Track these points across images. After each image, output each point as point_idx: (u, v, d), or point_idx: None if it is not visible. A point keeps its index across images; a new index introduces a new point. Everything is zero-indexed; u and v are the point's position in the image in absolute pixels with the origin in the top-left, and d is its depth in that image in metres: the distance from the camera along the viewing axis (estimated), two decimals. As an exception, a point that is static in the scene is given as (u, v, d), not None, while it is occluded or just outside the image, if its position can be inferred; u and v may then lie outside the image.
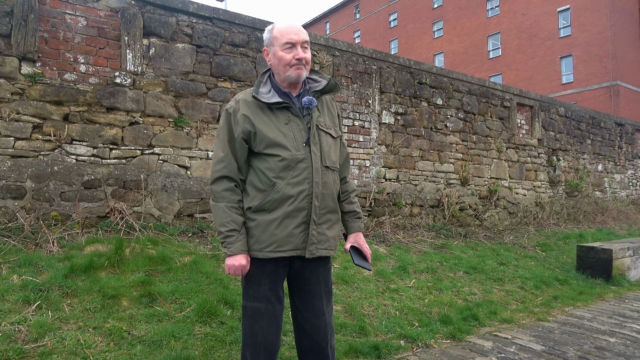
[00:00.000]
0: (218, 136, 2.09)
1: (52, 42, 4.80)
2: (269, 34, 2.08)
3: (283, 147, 1.99)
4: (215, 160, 2.05)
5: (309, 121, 2.08)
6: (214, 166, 2.05)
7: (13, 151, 4.55)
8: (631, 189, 13.49)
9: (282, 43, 2.01)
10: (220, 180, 2.02)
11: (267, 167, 2.01)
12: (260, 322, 2.03)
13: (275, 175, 1.99)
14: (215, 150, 2.08)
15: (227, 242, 1.97)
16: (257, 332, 2.03)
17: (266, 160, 2.01)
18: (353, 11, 46.15)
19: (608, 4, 26.21)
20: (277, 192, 1.98)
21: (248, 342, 2.06)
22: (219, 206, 2.00)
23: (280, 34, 2.02)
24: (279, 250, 2.00)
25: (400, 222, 7.27)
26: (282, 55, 2.01)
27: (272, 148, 1.99)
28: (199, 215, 5.44)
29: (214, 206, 2.03)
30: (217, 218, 2.00)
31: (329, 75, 6.80)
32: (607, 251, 6.00)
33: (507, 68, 31.41)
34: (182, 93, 5.52)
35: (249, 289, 2.05)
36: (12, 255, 3.71)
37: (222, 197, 2.01)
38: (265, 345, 2.04)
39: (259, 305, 2.03)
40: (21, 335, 2.73)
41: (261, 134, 2.00)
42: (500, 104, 9.49)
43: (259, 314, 2.03)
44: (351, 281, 4.47)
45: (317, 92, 2.12)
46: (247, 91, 2.12)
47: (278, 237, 1.99)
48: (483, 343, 3.57)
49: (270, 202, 1.99)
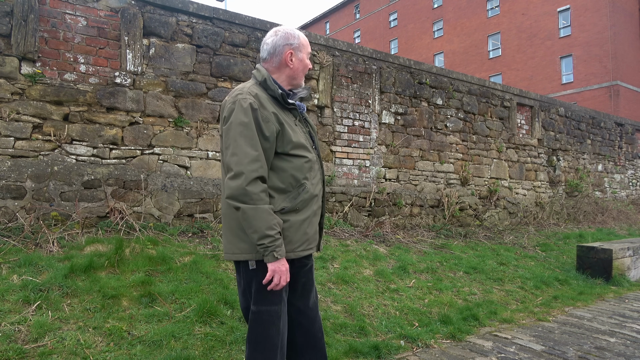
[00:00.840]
0: (244, 133, 1.91)
1: (52, 42, 4.80)
2: (296, 40, 2.14)
3: (306, 148, 2.09)
4: (248, 159, 1.89)
5: (307, 125, 2.22)
6: (247, 165, 1.88)
7: (13, 151, 4.55)
8: (631, 189, 13.49)
9: (308, 52, 2.18)
10: (256, 182, 1.89)
11: (294, 168, 2.03)
12: (277, 324, 2.02)
13: (304, 176, 2.06)
14: (243, 147, 1.90)
15: (275, 245, 1.88)
16: (273, 335, 2.01)
17: (290, 161, 2.03)
18: (353, 11, 46.15)
19: (608, 4, 26.20)
20: (307, 192, 2.05)
21: (262, 346, 2.01)
22: (262, 208, 1.87)
23: (306, 43, 2.18)
24: (309, 248, 2.11)
25: (400, 222, 7.27)
26: (308, 63, 2.18)
27: (298, 149, 2.05)
28: (199, 215, 5.44)
29: (252, 209, 1.87)
30: (260, 221, 1.86)
31: (329, 75, 6.81)
32: (607, 251, 6.00)
33: (507, 68, 31.41)
34: (182, 93, 5.52)
35: (266, 293, 1.99)
36: (12, 255, 3.71)
37: (261, 199, 1.88)
38: (282, 347, 2.05)
39: (276, 308, 2.02)
40: (21, 335, 2.73)
41: (288, 134, 2.02)
42: (500, 104, 9.49)
43: (277, 316, 2.02)
44: (351, 281, 4.47)
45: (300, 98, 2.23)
46: (253, 87, 2.06)
47: (309, 236, 2.10)
48: (483, 343, 3.57)
49: (302, 202, 2.04)
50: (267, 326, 2.01)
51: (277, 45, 2.11)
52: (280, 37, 2.12)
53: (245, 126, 1.92)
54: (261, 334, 2.01)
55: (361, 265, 5.03)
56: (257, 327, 2.02)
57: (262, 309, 2.01)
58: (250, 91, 2.01)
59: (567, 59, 28.43)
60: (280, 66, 2.13)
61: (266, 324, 2.01)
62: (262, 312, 2.01)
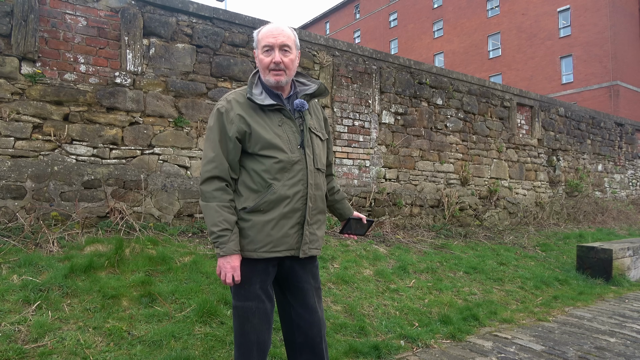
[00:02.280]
0: (208, 136, 2.05)
1: (52, 42, 4.80)
2: (255, 37, 2.11)
3: (279, 149, 2.02)
4: (205, 160, 2.02)
5: (301, 124, 2.12)
6: (204, 166, 2.01)
7: (13, 151, 4.55)
8: (631, 189, 13.49)
9: (262, 46, 2.05)
10: (210, 181, 1.99)
11: (262, 169, 2.01)
12: (252, 320, 2.04)
13: (272, 176, 2.01)
14: (205, 150, 2.04)
15: (219, 242, 1.94)
16: (248, 331, 2.04)
17: (261, 162, 2.02)
18: (353, 11, 46.15)
19: (608, 4, 26.20)
20: (274, 193, 2.01)
21: (239, 342, 2.07)
22: (210, 206, 1.97)
23: (261, 36, 2.06)
24: (274, 250, 2.03)
25: (400, 222, 7.27)
26: (262, 58, 2.05)
27: (268, 150, 2.01)
28: (199, 215, 5.44)
29: (204, 206, 2.00)
30: (209, 218, 1.97)
31: (329, 75, 6.81)
32: (607, 251, 6.00)
33: (507, 68, 31.41)
34: (182, 93, 5.52)
35: (240, 289, 2.04)
36: (12, 255, 3.71)
37: (213, 196, 1.97)
38: (258, 344, 2.06)
39: (250, 304, 2.04)
40: (21, 335, 2.73)
41: (257, 135, 2.00)
42: (500, 104, 9.49)
43: (250, 312, 2.04)
44: (351, 281, 4.47)
45: (307, 95, 2.16)
46: (238, 92, 2.10)
47: (274, 238, 2.02)
48: (483, 343, 3.57)
49: (266, 203, 2.00)
50: (242, 322, 2.05)
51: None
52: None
53: (210, 130, 2.05)
54: (237, 329, 2.07)
55: (361, 265, 5.03)
56: (235, 322, 2.09)
57: (238, 305, 2.05)
58: (227, 96, 2.07)
59: (567, 59, 28.43)
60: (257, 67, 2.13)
61: (241, 319, 2.05)
62: (238, 308, 2.06)
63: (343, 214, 2.44)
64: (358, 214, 2.41)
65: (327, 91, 2.22)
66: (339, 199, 2.43)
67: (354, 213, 2.41)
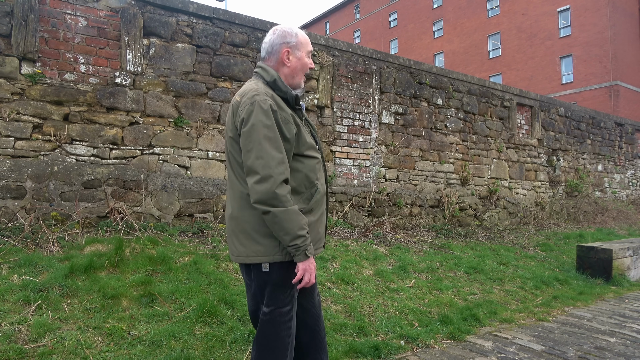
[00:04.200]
0: (268, 135, 1.88)
1: (52, 42, 4.80)
2: (294, 38, 2.10)
3: (315, 149, 2.11)
4: (275, 162, 1.87)
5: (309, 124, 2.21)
6: (275, 168, 1.86)
7: (13, 151, 4.55)
8: (631, 189, 13.49)
9: (307, 50, 2.14)
10: (284, 184, 1.88)
11: (307, 169, 2.05)
12: (288, 324, 2.03)
13: (316, 177, 2.08)
14: (269, 150, 1.87)
15: (306, 244, 1.91)
16: (284, 336, 2.01)
17: (304, 163, 2.04)
18: (353, 11, 46.15)
19: (608, 4, 26.20)
20: (319, 192, 2.08)
21: (272, 346, 2.01)
22: (292, 210, 1.88)
23: (306, 41, 2.14)
24: (320, 246, 2.15)
25: (400, 222, 7.27)
26: (307, 61, 2.14)
27: (310, 150, 2.07)
28: (199, 215, 5.44)
29: (283, 212, 1.86)
30: (291, 223, 1.87)
31: (329, 75, 6.81)
32: (607, 251, 6.00)
33: (507, 68, 31.41)
34: (182, 93, 5.52)
35: (279, 294, 2.00)
36: (12, 255, 3.71)
37: (289, 200, 1.88)
38: (291, 347, 2.06)
39: (289, 308, 2.03)
40: (21, 335, 2.73)
41: (303, 135, 2.03)
42: (500, 104, 9.49)
43: (289, 317, 2.02)
44: (351, 281, 4.47)
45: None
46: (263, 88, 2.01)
47: (321, 234, 2.14)
48: (483, 343, 3.57)
49: (316, 203, 2.07)
50: (279, 326, 2.01)
51: (274, 44, 2.09)
52: (278, 36, 2.09)
53: (269, 128, 1.89)
54: (272, 335, 2.01)
55: (361, 265, 5.03)
56: (269, 328, 2.02)
57: (275, 310, 2.01)
58: (266, 92, 1.97)
59: (567, 59, 28.43)
60: (278, 65, 2.10)
61: (278, 324, 2.01)
62: (274, 313, 2.01)
63: None
64: None
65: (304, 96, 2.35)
66: None
67: None
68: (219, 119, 5.81)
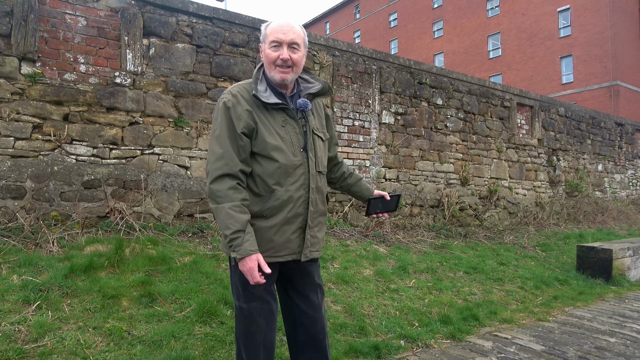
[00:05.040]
0: (214, 132, 1.94)
1: (52, 42, 4.80)
2: (263, 31, 2.04)
3: (281, 151, 1.95)
4: (213, 157, 1.91)
5: (304, 124, 2.06)
6: (212, 164, 1.90)
7: (13, 151, 4.55)
8: (631, 189, 13.49)
9: (270, 41, 1.98)
10: (221, 179, 1.88)
11: (265, 173, 1.95)
12: (257, 321, 2.02)
13: (275, 181, 1.96)
14: (212, 146, 1.93)
15: (233, 245, 1.85)
16: (254, 332, 2.02)
17: (262, 165, 1.95)
18: (353, 11, 46.15)
19: (608, 4, 26.20)
20: (277, 199, 1.95)
21: (243, 343, 2.04)
22: (221, 208, 1.86)
23: (270, 31, 2.00)
24: (276, 255, 2.01)
25: (400, 222, 7.27)
26: (269, 52, 1.98)
27: (271, 151, 1.94)
28: (199, 215, 5.44)
29: (215, 209, 1.88)
30: (220, 221, 1.86)
31: (329, 75, 6.80)
32: (607, 251, 6.00)
33: (507, 68, 31.41)
34: (182, 93, 5.52)
35: (245, 290, 2.01)
36: (12, 255, 3.71)
37: (225, 196, 1.86)
38: (265, 345, 2.04)
39: (254, 305, 2.01)
40: (21, 335, 2.73)
41: (261, 134, 1.94)
42: (500, 104, 9.49)
43: (256, 313, 2.01)
44: (351, 281, 4.47)
45: (310, 94, 2.10)
46: (242, 85, 2.02)
47: (276, 244, 1.99)
48: (483, 343, 3.57)
49: (269, 209, 1.95)
50: (248, 323, 2.02)
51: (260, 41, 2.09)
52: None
53: (217, 125, 1.95)
54: (242, 330, 2.04)
55: (361, 265, 5.03)
56: (239, 324, 2.05)
57: (243, 306, 2.02)
58: (232, 90, 1.99)
59: (567, 59, 28.43)
60: (263, 62, 2.06)
61: (246, 320, 2.02)
62: (243, 309, 2.02)
63: (362, 195, 2.40)
64: (379, 192, 2.38)
65: (330, 91, 2.16)
66: (352, 182, 2.39)
67: (375, 192, 2.38)
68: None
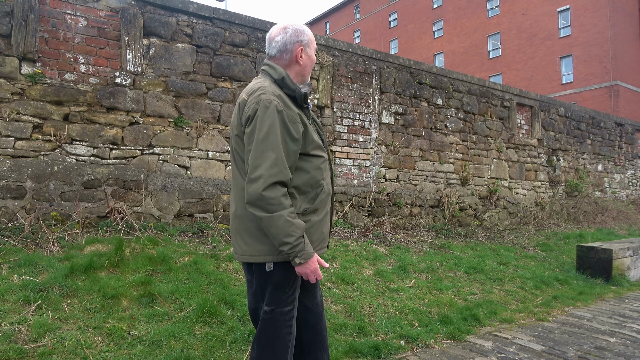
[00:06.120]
0: (268, 135, 1.85)
1: (52, 42, 4.80)
2: (306, 37, 2.12)
3: (322, 148, 2.11)
4: (267, 163, 1.83)
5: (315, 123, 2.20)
6: (266, 170, 1.82)
7: (13, 151, 4.55)
8: (631, 189, 13.49)
9: (314, 48, 2.17)
10: (274, 187, 1.83)
11: (314, 168, 2.04)
12: (289, 324, 2.03)
13: (322, 176, 2.08)
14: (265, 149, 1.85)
15: (296, 251, 1.85)
16: (285, 335, 2.02)
17: (311, 162, 2.03)
18: (353, 11, 46.14)
19: (608, 4, 26.20)
20: (324, 192, 2.07)
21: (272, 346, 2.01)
22: (278, 216, 1.82)
23: (313, 38, 2.18)
24: (324, 246, 2.14)
25: (400, 222, 7.27)
26: (315, 58, 2.18)
27: (317, 149, 2.06)
28: (199, 215, 5.44)
29: (269, 217, 1.82)
30: (277, 229, 1.83)
31: (329, 75, 6.81)
32: (607, 251, 6.00)
33: (507, 68, 31.41)
34: (182, 93, 5.52)
35: (280, 294, 2.00)
36: (12, 255, 3.71)
37: (280, 203, 1.82)
38: (292, 346, 2.07)
39: (290, 308, 2.03)
40: (21, 335, 2.73)
41: (310, 134, 2.02)
42: (500, 104, 9.49)
43: (290, 317, 2.03)
44: (351, 281, 4.47)
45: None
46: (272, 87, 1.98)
47: (325, 234, 2.12)
48: (483, 343, 3.57)
49: (320, 202, 2.06)
50: (280, 326, 2.01)
51: (287, 43, 2.07)
52: (291, 35, 2.08)
53: (270, 128, 1.86)
54: (273, 334, 2.01)
55: (361, 265, 5.03)
56: (270, 327, 2.01)
57: (276, 310, 2.01)
58: (273, 91, 1.94)
59: (567, 59, 28.43)
60: (290, 63, 2.10)
61: (279, 323, 2.01)
62: (276, 313, 2.01)
63: None
64: None
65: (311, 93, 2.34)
66: None
67: None
68: (219, 119, 5.81)
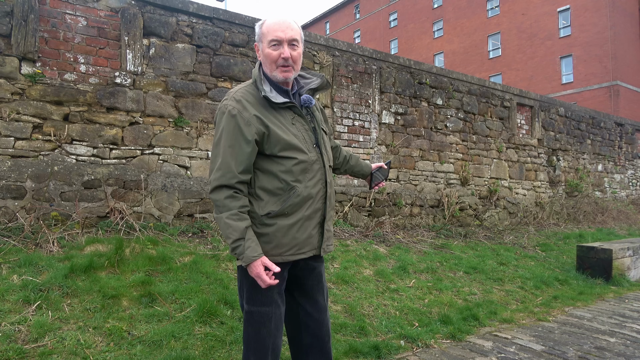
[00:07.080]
0: (218, 140, 1.92)
1: (52, 42, 4.80)
2: (259, 29, 2.01)
3: (298, 149, 1.96)
4: (213, 166, 1.91)
5: (311, 120, 2.08)
6: (212, 174, 1.90)
7: (13, 151, 4.55)
8: (631, 189, 13.49)
9: (268, 40, 1.95)
10: (219, 190, 1.89)
11: (283, 171, 1.94)
12: (268, 326, 2.01)
13: (294, 178, 1.95)
14: (212, 155, 1.94)
15: (236, 253, 1.87)
16: (264, 337, 2.01)
17: (280, 164, 1.94)
18: (353, 11, 46.14)
19: (608, 4, 26.20)
20: (297, 195, 1.96)
21: (253, 347, 2.02)
22: (220, 218, 1.89)
23: (267, 30, 1.96)
24: (300, 252, 2.02)
25: (400, 222, 7.27)
26: (269, 52, 1.95)
27: (288, 150, 1.94)
28: (199, 215, 5.44)
29: (217, 218, 1.91)
30: (222, 231, 1.91)
31: (329, 75, 6.80)
32: (607, 251, 6.00)
33: (507, 68, 31.40)
34: (182, 93, 5.52)
35: (256, 294, 1.99)
36: (12, 255, 3.71)
37: (223, 205, 1.87)
38: (273, 349, 2.05)
39: (267, 309, 2.00)
40: (21, 335, 2.73)
41: (276, 135, 1.92)
42: (500, 104, 9.49)
43: (267, 318, 2.00)
44: (351, 281, 4.47)
45: (312, 90, 2.11)
46: (243, 89, 1.98)
47: (299, 240, 2.00)
48: (483, 343, 3.57)
49: (290, 206, 1.95)
50: (258, 327, 2.00)
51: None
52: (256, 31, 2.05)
53: (220, 133, 1.92)
54: (252, 335, 2.02)
55: (361, 265, 5.03)
56: (248, 327, 2.04)
57: (253, 310, 2.01)
58: (235, 95, 1.94)
59: (567, 59, 28.43)
60: (262, 61, 2.03)
61: (256, 324, 2.01)
62: (253, 313, 2.01)
63: (365, 172, 2.53)
64: (376, 164, 2.54)
65: (329, 84, 2.17)
66: (354, 163, 2.52)
67: (373, 165, 2.54)
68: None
